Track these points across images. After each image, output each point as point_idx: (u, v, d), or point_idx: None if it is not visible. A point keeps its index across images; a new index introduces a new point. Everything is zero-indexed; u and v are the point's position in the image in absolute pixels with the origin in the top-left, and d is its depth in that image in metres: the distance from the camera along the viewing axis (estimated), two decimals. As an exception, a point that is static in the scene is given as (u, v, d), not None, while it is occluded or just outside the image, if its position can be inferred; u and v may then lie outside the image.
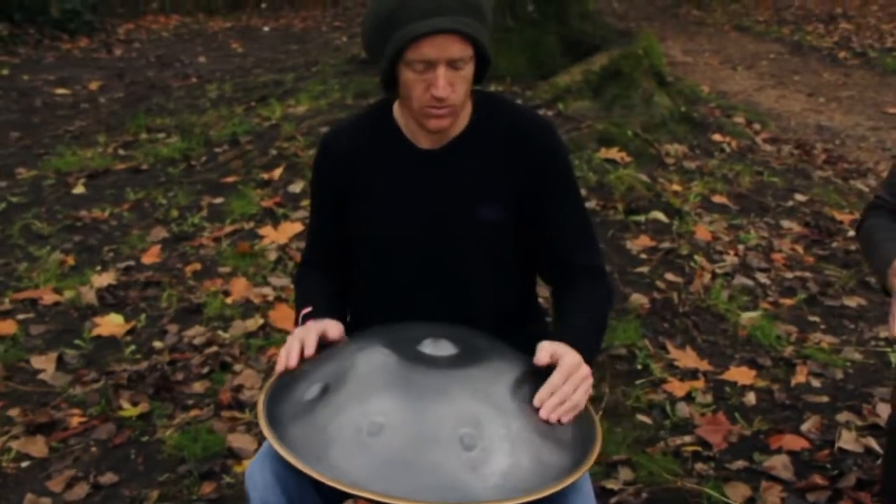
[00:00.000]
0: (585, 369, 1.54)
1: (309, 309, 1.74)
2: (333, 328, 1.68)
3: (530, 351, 1.83)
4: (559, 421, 1.48)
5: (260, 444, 2.64)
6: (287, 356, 1.61)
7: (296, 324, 1.77)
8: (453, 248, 1.75)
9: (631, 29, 6.96)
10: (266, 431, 1.52)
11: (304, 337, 1.63)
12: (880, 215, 1.95)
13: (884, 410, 2.78)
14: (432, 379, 1.52)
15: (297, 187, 4.44)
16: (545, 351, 1.55)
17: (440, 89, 1.59)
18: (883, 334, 3.28)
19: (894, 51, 9.11)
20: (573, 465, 1.48)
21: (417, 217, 1.76)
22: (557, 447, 1.49)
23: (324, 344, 1.66)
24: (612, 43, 5.73)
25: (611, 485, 2.45)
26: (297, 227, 4.02)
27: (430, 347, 1.60)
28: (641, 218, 4.09)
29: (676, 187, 4.47)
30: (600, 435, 1.58)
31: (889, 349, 3.18)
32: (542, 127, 1.76)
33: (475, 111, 1.76)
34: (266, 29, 11.24)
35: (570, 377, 1.51)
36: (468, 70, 1.63)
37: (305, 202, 4.23)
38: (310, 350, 1.61)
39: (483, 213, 1.74)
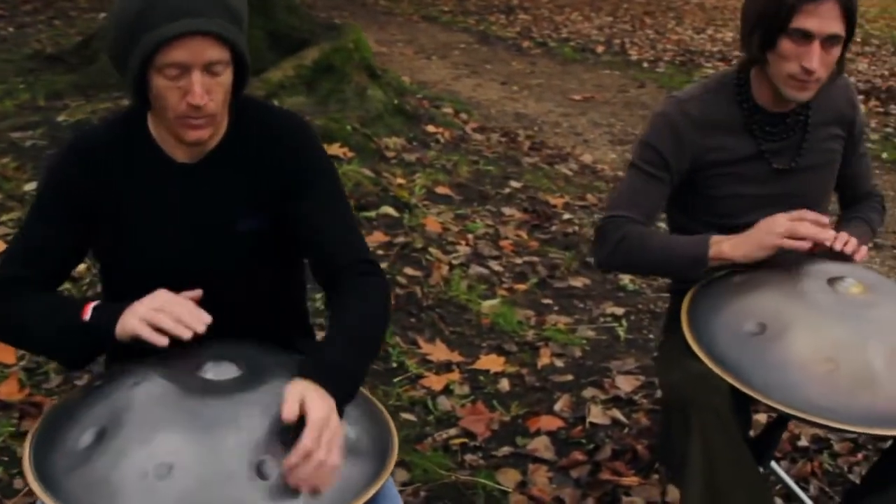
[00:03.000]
0: (335, 422, 1.41)
1: (98, 302, 1.59)
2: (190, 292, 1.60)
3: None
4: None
5: None
6: (184, 323, 1.51)
7: (79, 319, 1.57)
8: (217, 265, 1.69)
9: (332, 20, 6.98)
10: (36, 489, 1.37)
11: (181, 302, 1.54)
12: (634, 224, 2.04)
13: (622, 382, 3.00)
14: (219, 407, 1.45)
15: (-8, 201, 4.02)
16: (292, 401, 1.41)
17: (196, 97, 1.51)
18: (609, 310, 3.54)
19: (570, 41, 9.83)
20: (374, 473, 1.48)
21: (178, 236, 1.68)
22: (356, 459, 1.48)
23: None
24: (319, 36, 5.70)
25: (389, 488, 2.45)
26: None
27: (212, 372, 1.52)
28: (372, 214, 4.12)
29: (401, 180, 4.55)
30: (396, 437, 1.59)
31: (616, 324, 3.44)
32: (294, 125, 1.73)
33: (231, 119, 1.70)
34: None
35: (321, 437, 1.38)
36: (226, 76, 1.56)
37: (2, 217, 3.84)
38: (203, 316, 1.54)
39: (246, 225, 1.69)
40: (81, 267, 3.25)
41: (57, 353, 1.63)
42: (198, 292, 1.60)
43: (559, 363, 3.15)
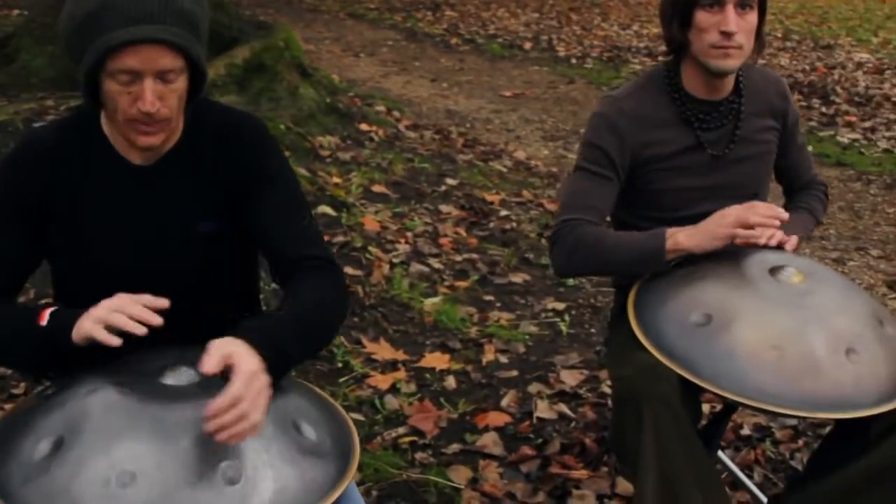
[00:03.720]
0: (263, 380, 1.40)
1: (55, 308, 1.55)
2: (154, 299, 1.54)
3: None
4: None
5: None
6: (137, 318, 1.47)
7: (36, 325, 1.53)
8: (175, 267, 1.68)
9: (258, 17, 6.89)
10: (-9, 503, 1.34)
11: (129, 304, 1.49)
12: (588, 226, 2.05)
13: (567, 377, 3.03)
14: (180, 412, 1.43)
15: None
16: (215, 354, 1.38)
17: (147, 104, 1.49)
18: (550, 306, 3.57)
19: (497, 37, 9.89)
20: (338, 474, 1.47)
21: (135, 238, 1.66)
22: (319, 461, 1.47)
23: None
24: (250, 35, 5.64)
25: (340, 489, 2.44)
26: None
27: (171, 378, 1.50)
28: (310, 213, 4.09)
29: (337, 180, 4.53)
30: (357, 438, 1.58)
31: (558, 319, 3.48)
32: (251, 126, 1.72)
33: (187, 121, 1.68)
34: None
35: (250, 387, 1.37)
36: (180, 83, 1.54)
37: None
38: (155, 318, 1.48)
39: (204, 227, 1.68)
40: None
41: (15, 360, 1.61)
42: (164, 302, 1.55)
43: (503, 359, 3.17)
